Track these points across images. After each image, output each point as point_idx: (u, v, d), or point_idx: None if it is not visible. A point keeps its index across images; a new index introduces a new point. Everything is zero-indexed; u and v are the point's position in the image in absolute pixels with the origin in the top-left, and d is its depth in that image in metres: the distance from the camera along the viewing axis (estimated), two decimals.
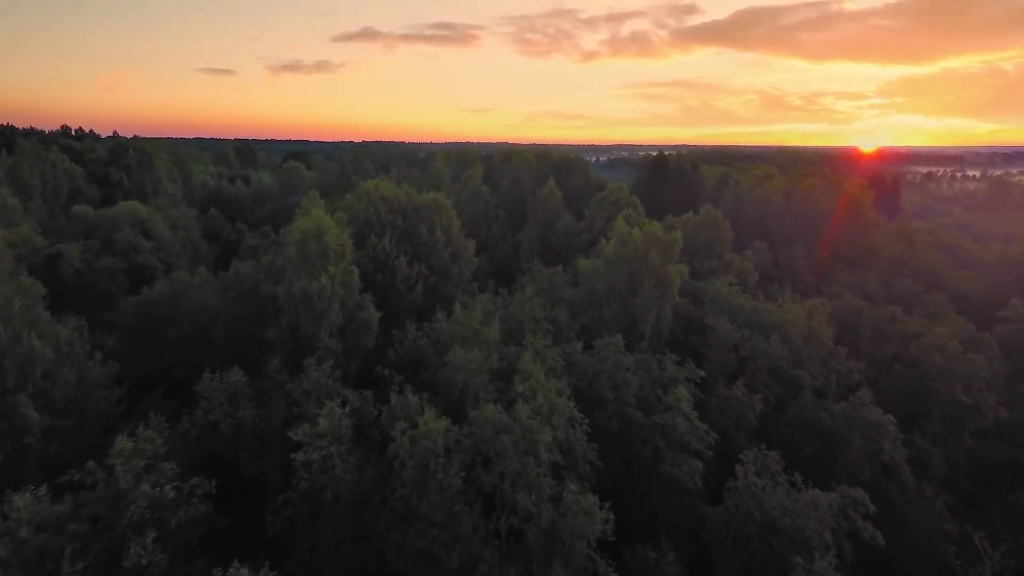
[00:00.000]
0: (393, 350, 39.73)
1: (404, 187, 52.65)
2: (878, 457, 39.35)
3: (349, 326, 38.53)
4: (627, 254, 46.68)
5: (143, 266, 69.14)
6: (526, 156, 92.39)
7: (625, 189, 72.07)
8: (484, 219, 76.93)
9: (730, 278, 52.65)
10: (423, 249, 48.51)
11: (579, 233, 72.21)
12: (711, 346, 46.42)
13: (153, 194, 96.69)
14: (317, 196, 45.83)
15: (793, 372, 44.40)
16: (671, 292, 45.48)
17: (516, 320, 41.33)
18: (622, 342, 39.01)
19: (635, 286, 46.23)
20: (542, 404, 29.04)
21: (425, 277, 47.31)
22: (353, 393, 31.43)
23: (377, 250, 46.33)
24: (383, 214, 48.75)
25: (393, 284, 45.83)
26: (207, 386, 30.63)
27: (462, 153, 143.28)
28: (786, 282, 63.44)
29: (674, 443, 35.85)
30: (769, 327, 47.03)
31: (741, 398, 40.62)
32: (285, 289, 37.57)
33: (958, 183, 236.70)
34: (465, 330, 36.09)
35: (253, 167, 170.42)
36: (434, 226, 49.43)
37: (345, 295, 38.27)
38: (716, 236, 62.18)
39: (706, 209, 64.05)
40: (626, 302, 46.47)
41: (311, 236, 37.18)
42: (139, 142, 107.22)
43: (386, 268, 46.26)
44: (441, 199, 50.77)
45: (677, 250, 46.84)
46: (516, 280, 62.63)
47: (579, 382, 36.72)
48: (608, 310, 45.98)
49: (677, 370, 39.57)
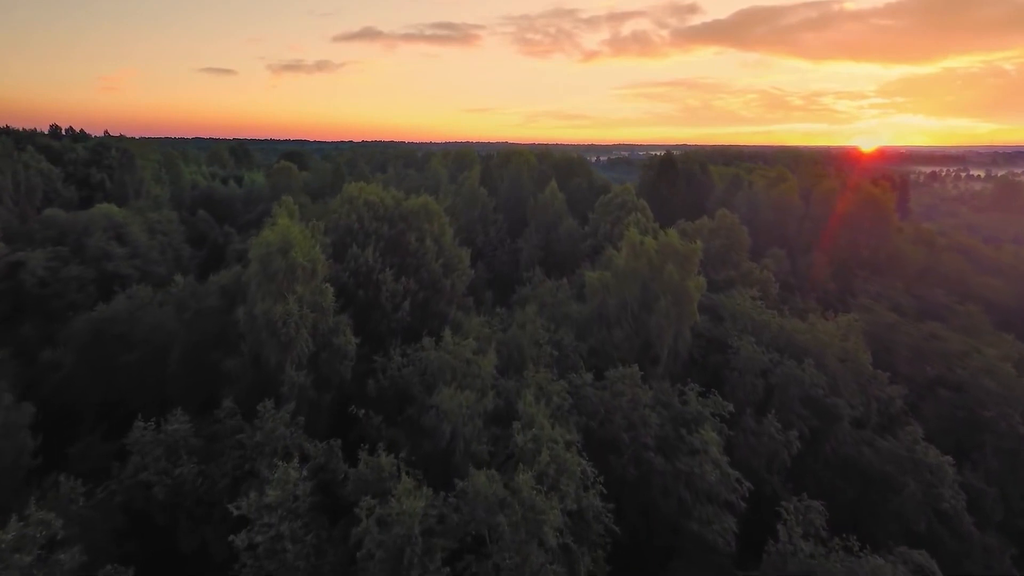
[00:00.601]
0: (374, 379, 33.71)
1: (391, 191, 46.54)
2: (936, 505, 33.34)
3: (321, 354, 32.48)
4: (640, 267, 40.64)
5: (115, 274, 63.08)
6: (526, 156, 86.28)
7: (632, 191, 65.98)
8: (481, 223, 70.83)
9: (753, 291, 46.59)
10: (411, 261, 42.44)
11: (583, 239, 66.19)
12: (734, 370, 40.42)
13: (136, 196, 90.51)
14: (290, 202, 39.73)
15: (829, 400, 38.38)
16: (690, 310, 39.43)
17: (516, 344, 35.31)
18: (639, 373, 32.92)
19: (649, 303, 40.21)
20: (547, 464, 23.03)
21: (413, 292, 41.25)
22: (318, 446, 25.40)
23: (359, 263, 40.26)
24: (367, 221, 42.67)
25: (377, 301, 39.77)
26: (138, 438, 24.59)
27: (460, 153, 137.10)
28: (808, 293, 57.38)
29: (701, 494, 29.84)
30: (800, 348, 41.03)
31: (775, 435, 34.60)
32: (246, 312, 31.53)
33: (963, 183, 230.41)
34: (456, 361, 30.05)
35: (248, 167, 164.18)
36: (424, 234, 43.35)
37: (317, 318, 32.21)
38: (733, 243, 56.16)
39: (721, 213, 57.99)
40: (639, 321, 40.44)
41: (276, 251, 31.10)
42: (123, 142, 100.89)
43: (369, 283, 40.19)
44: (431, 204, 44.68)
45: (696, 262, 40.81)
46: (516, 291, 56.60)
47: (589, 422, 30.70)
48: (619, 330, 39.94)
49: (701, 403, 33.55)
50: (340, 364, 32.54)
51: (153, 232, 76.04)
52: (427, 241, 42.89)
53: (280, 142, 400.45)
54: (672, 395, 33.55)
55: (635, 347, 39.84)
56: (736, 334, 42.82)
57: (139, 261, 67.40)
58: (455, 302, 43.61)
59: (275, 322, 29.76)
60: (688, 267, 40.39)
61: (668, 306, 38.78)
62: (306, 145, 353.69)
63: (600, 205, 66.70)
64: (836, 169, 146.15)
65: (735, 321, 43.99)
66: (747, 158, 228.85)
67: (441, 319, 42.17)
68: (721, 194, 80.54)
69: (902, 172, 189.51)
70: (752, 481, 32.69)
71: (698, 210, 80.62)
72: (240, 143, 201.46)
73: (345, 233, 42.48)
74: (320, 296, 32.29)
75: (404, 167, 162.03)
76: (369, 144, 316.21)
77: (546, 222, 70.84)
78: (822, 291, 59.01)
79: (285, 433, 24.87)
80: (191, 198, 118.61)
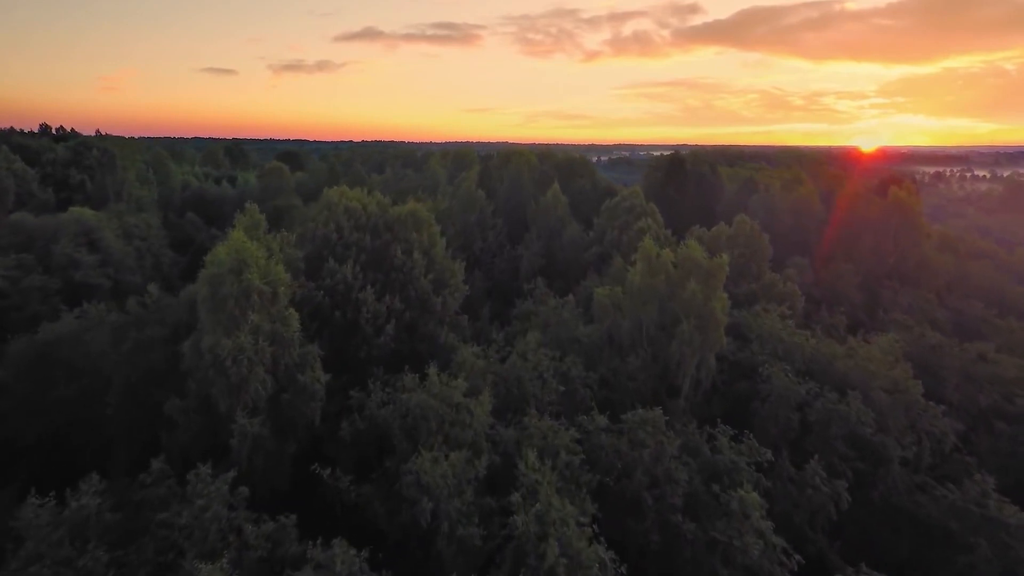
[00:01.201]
0: (349, 420, 27.96)
1: (376, 196, 40.76)
2: (1015, 571, 27.63)
3: (284, 395, 26.74)
4: (657, 284, 34.87)
5: (83, 284, 57.35)
6: (527, 156, 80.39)
7: (641, 194, 60.15)
8: (479, 228, 65.00)
9: (782, 309, 40.84)
10: (397, 276, 36.67)
11: (588, 246, 60.37)
12: (764, 400, 34.73)
13: (116, 198, 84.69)
14: (255, 210, 33.91)
15: (876, 439, 32.65)
16: (716, 335, 33.68)
17: (516, 379, 29.52)
18: (662, 417, 27.13)
19: (669, 326, 34.48)
20: (556, 561, 17.31)
21: (399, 313, 35.49)
22: (263, 527, 19.65)
23: (336, 279, 34.50)
24: (346, 232, 36.92)
25: (356, 324, 34.03)
26: (31, 520, 18.87)
27: (459, 153, 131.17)
28: (836, 307, 51.59)
29: (740, 569, 24.14)
30: (839, 377, 35.33)
31: (820, 485, 28.86)
32: (190, 346, 25.79)
33: (968, 183, 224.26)
34: (443, 407, 24.31)
35: (244, 167, 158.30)
36: (412, 246, 37.58)
37: (277, 352, 26.46)
38: (753, 252, 50.34)
39: (740, 220, 52.15)
40: (657, 346, 34.70)
41: (227, 272, 25.34)
42: (106, 141, 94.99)
43: (347, 303, 34.43)
44: (420, 212, 38.90)
45: (723, 278, 35.03)
46: (515, 305, 50.83)
47: (604, 478, 24.96)
48: (634, 357, 34.18)
49: (735, 451, 27.81)
50: (306, 406, 26.78)
51: (130, 237, 70.26)
52: (415, 253, 37.13)
53: (280, 142, 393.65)
54: (701, 443, 27.76)
55: (652, 377, 34.11)
56: (764, 358, 37.15)
57: (111, 269, 61.61)
58: (446, 322, 37.86)
59: (223, 360, 24.01)
60: (713, 285, 34.62)
61: (691, 330, 33.02)
62: (305, 145, 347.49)
63: (606, 209, 60.92)
64: (839, 169, 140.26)
65: (762, 343, 38.24)
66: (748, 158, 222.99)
67: (430, 342, 36.46)
68: (732, 197, 74.62)
69: (906, 172, 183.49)
70: (792, 539, 27.00)
71: (708, 214, 74.78)
72: (236, 143, 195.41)
73: (322, 245, 36.72)
74: (282, 325, 26.52)
75: (402, 167, 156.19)
76: (369, 144, 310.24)
77: (548, 227, 65.07)
78: (849, 304, 53.22)
79: (221, 513, 19.16)
80: (182, 199, 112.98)
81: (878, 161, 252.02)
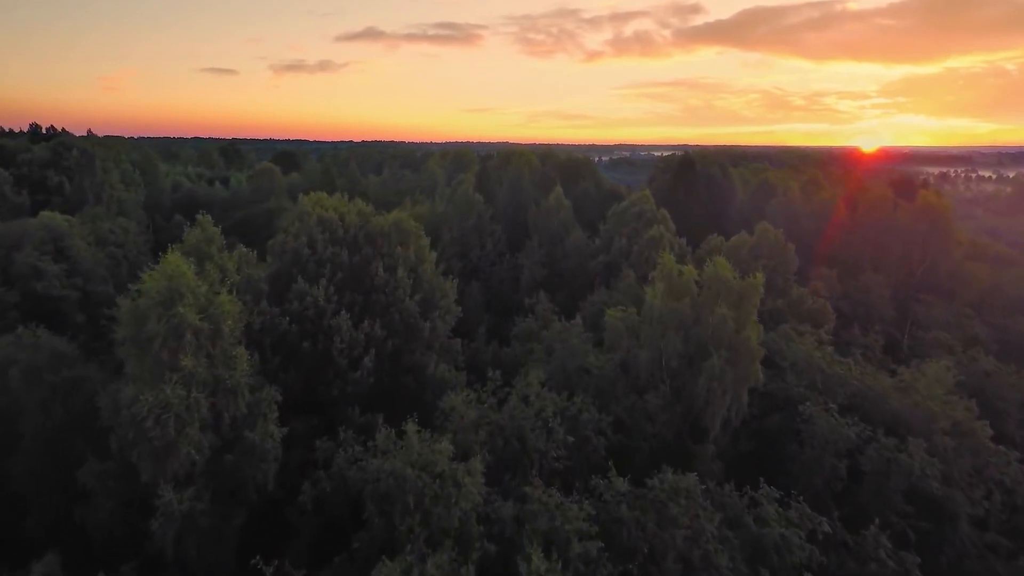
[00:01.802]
0: (312, 483, 22.44)
1: (358, 204, 35.19)
2: None
3: (228, 456, 21.22)
4: (681, 308, 29.28)
5: (46, 296, 51.89)
6: (527, 157, 74.77)
7: (651, 199, 54.56)
8: (476, 235, 59.43)
9: (819, 333, 35.32)
10: (379, 298, 31.11)
11: (594, 254, 54.78)
12: (804, 443, 29.24)
13: (96, 201, 79.08)
14: (208, 222, 28.30)
15: (941, 492, 27.14)
16: (751, 369, 28.14)
17: (515, 431, 23.96)
18: (697, 484, 21.55)
19: (695, 358, 28.94)
20: None
21: (379, 341, 29.94)
22: None
23: (305, 303, 28.94)
24: (320, 246, 31.34)
25: (328, 355, 28.49)
26: None
27: (458, 153, 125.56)
28: (869, 324, 46.04)
29: None
30: (893, 416, 29.82)
31: (886, 559, 23.36)
32: (108, 398, 20.28)
33: (973, 184, 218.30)
34: (424, 479, 18.78)
35: (239, 168, 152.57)
36: (396, 261, 32.00)
37: (220, 403, 20.95)
38: (778, 264, 44.82)
39: (763, 228, 46.59)
40: (680, 381, 29.18)
41: (154, 306, 19.80)
42: (86, 140, 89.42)
43: (318, 330, 28.88)
44: (406, 223, 33.35)
45: (757, 302, 29.47)
46: (515, 321, 45.32)
47: (627, 567, 19.43)
48: (654, 394, 28.63)
49: (783, 520, 22.26)
50: (256, 468, 21.26)
51: (104, 243, 64.73)
52: (400, 271, 31.55)
53: (280, 142, 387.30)
54: (744, 514, 22.20)
55: (675, 417, 28.58)
56: (801, 391, 31.62)
57: (79, 279, 56.10)
58: (436, 349, 32.32)
59: (144, 419, 18.49)
60: (746, 309, 29.07)
61: (722, 365, 27.48)
62: (305, 145, 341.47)
63: (613, 215, 55.33)
64: (844, 170, 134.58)
65: (798, 374, 32.69)
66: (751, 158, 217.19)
67: (417, 374, 30.94)
68: (746, 201, 68.97)
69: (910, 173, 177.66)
70: None
71: (721, 219, 69.14)
72: (232, 143, 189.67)
73: (291, 262, 31.14)
74: (226, 369, 20.97)
75: (400, 168, 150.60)
76: (368, 144, 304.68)
77: (550, 233, 59.50)
78: (880, 321, 47.69)
79: None
80: (172, 201, 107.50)
81: (880, 161, 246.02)
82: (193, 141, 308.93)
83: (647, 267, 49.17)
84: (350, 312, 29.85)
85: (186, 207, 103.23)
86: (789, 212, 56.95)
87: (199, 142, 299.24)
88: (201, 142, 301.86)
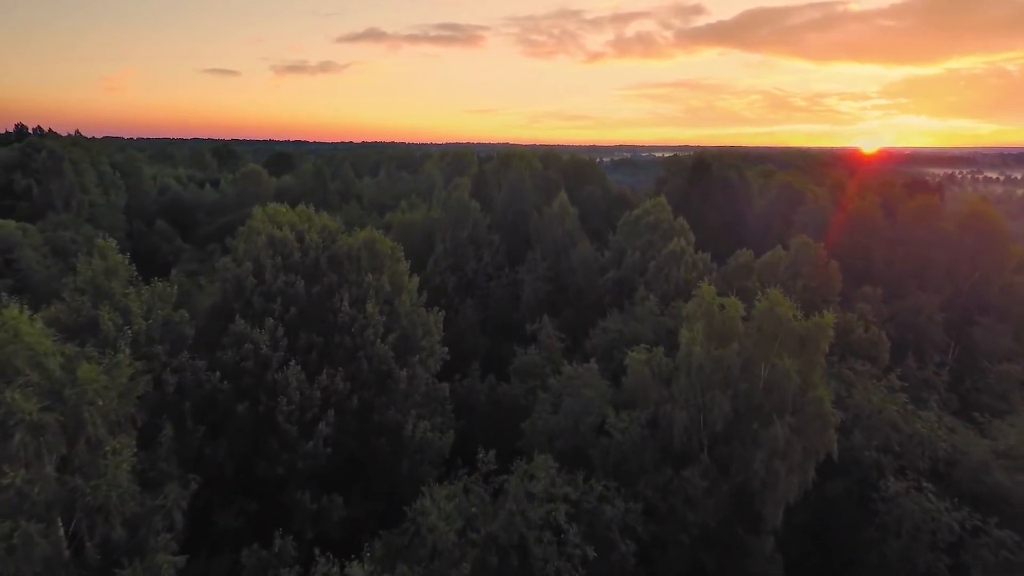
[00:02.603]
0: None
1: (324, 218, 28.04)
2: None
3: None
4: (728, 358, 22.14)
5: None
6: (528, 159, 67.61)
7: (668, 208, 47.46)
8: (472, 246, 52.25)
9: (891, 378, 28.19)
10: (342, 341, 24.02)
11: (603, 269, 47.66)
12: (887, 529, 22.24)
13: (65, 206, 71.99)
14: (112, 248, 21.37)
15: None
16: (825, 438, 21.03)
17: (517, 538, 16.91)
18: None
19: (749, 423, 21.86)
20: None
21: (342, 397, 22.89)
22: None
23: (243, 351, 21.85)
24: (269, 274, 24.22)
25: (272, 421, 21.41)
26: None
27: (457, 154, 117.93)
28: (926, 352, 38.92)
29: None
30: (1001, 492, 22.75)
31: None
32: None
33: (980, 185, 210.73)
34: None
35: (233, 169, 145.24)
36: (366, 292, 24.90)
37: (82, 528, 13.84)
38: (820, 284, 37.71)
39: (800, 242, 39.42)
40: (728, 453, 22.10)
41: None
42: (60, 141, 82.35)
43: (260, 387, 21.82)
44: (381, 242, 26.22)
45: (826, 348, 22.36)
46: (515, 349, 38.19)
47: None
48: (695, 471, 21.51)
49: None
50: None
51: (63, 254, 57.60)
52: (370, 304, 24.41)
53: (280, 143, 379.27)
54: None
55: (722, 500, 21.50)
56: (872, 454, 24.61)
57: (28, 295, 48.99)
58: (414, 400, 25.22)
59: None
60: (812, 358, 21.99)
61: (787, 435, 20.39)
62: (304, 146, 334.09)
63: (625, 225, 48.20)
64: (845, 170, 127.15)
65: (867, 432, 25.59)
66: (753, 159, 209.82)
67: (391, 436, 23.84)
68: (767, 207, 61.72)
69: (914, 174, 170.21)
70: None
71: (740, 229, 62.00)
72: (226, 144, 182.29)
73: (232, 295, 24.04)
74: (88, 477, 13.87)
75: (397, 169, 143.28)
76: (368, 145, 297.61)
77: (554, 244, 52.35)
78: (935, 348, 40.58)
79: None
80: (158, 205, 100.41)
81: (883, 162, 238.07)
82: (193, 142, 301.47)
83: (666, 286, 42.16)
84: (304, 360, 22.79)
85: (171, 211, 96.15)
86: (819, 221, 49.72)
87: (200, 143, 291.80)
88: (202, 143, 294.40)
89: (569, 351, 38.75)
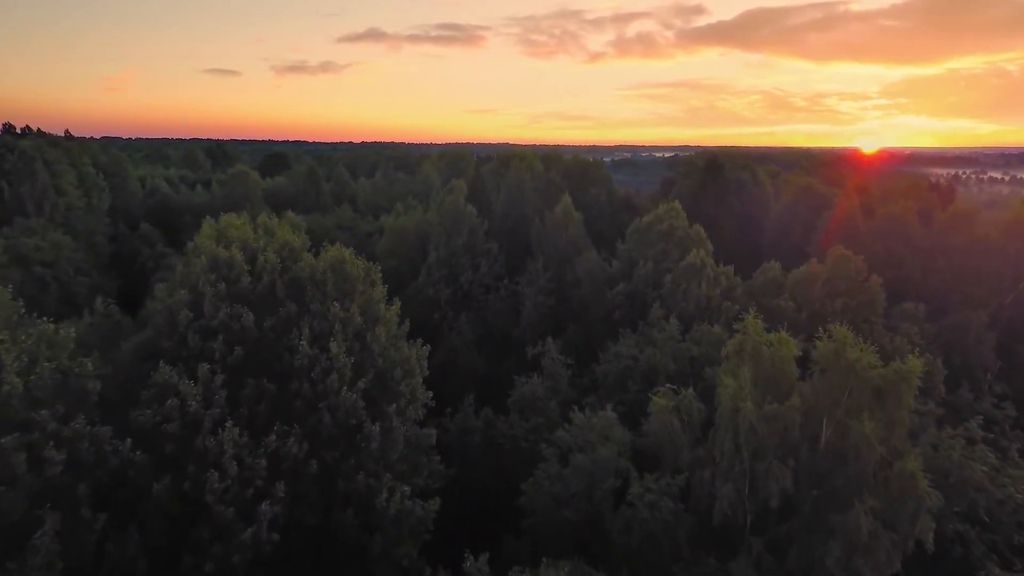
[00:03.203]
0: None
1: (285, 234, 22.88)
2: None
3: None
4: (787, 417, 17.06)
5: None
6: (529, 161, 62.51)
7: (683, 215, 42.37)
8: (468, 255, 47.10)
9: (968, 425, 23.10)
10: (300, 388, 18.92)
11: (612, 281, 42.44)
12: None
13: (37, 210, 66.83)
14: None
15: None
16: (920, 525, 15.99)
17: None
18: None
19: (803, 495, 16.80)
20: None
21: (298, 464, 17.81)
22: None
23: (168, 408, 16.75)
24: (209, 305, 19.10)
25: (200, 502, 16.31)
26: None
27: (455, 155, 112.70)
28: (971, 378, 33.89)
29: None
30: None
31: None
32: None
33: (985, 186, 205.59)
34: None
35: (225, 170, 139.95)
36: (332, 326, 19.80)
37: None
38: (862, 303, 32.63)
39: (837, 254, 34.31)
40: (785, 537, 17.05)
41: None
42: (29, 141, 77.07)
43: (188, 455, 16.73)
44: (351, 264, 21.13)
45: (910, 402, 17.32)
46: (512, 371, 33.12)
47: None
48: (746, 562, 16.46)
49: None
50: None
51: (26, 263, 52.54)
52: (335, 342, 19.29)
53: (280, 143, 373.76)
54: None
55: None
56: (955, 525, 19.59)
57: None
58: (390, 460, 20.11)
59: None
60: (895, 417, 16.94)
61: (871, 525, 15.35)
62: (303, 146, 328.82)
63: (635, 232, 43.03)
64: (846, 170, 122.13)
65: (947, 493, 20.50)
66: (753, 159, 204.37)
67: (359, 509, 18.76)
68: (784, 212, 56.53)
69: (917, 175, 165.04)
70: None
71: (756, 236, 56.97)
72: (219, 143, 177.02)
73: (163, 332, 18.92)
74: None
75: (395, 170, 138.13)
76: (368, 145, 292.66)
77: (558, 253, 47.26)
78: (987, 373, 35.52)
79: None
80: (145, 207, 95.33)
81: (884, 163, 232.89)
82: (193, 142, 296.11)
83: (684, 304, 37.04)
84: (251, 415, 17.71)
85: (159, 214, 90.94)
86: (846, 228, 44.59)
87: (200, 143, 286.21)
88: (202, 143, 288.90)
89: (575, 376, 33.80)
